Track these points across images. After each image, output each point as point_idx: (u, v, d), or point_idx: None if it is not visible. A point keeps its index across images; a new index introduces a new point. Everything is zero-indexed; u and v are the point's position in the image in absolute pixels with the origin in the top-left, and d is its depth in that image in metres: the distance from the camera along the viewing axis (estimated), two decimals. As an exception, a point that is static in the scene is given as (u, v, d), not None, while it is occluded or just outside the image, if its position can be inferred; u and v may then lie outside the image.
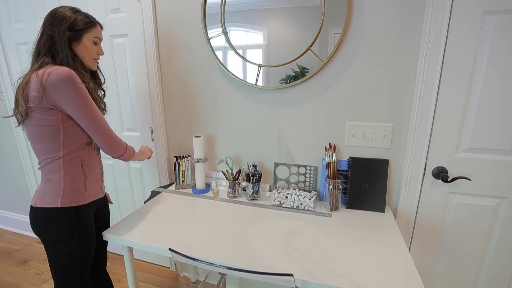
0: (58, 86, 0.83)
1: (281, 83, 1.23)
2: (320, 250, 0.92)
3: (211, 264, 0.78)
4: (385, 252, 0.91)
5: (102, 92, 1.10)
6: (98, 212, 1.10)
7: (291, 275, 0.72)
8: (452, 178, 1.11)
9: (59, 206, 0.90)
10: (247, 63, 1.26)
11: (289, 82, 1.22)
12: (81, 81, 0.88)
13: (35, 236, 2.17)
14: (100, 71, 1.10)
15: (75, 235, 0.94)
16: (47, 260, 0.99)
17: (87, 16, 0.96)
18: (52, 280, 1.74)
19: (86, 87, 0.90)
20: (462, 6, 0.98)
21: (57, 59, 0.90)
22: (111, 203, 1.19)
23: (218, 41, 1.28)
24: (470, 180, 1.11)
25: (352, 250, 0.92)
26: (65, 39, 0.89)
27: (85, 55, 0.96)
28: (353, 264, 0.85)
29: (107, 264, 1.22)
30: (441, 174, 1.13)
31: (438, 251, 1.25)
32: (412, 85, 1.10)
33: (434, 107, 1.09)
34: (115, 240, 1.02)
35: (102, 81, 1.11)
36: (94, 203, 1.02)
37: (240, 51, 1.26)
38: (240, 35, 1.24)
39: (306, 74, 1.19)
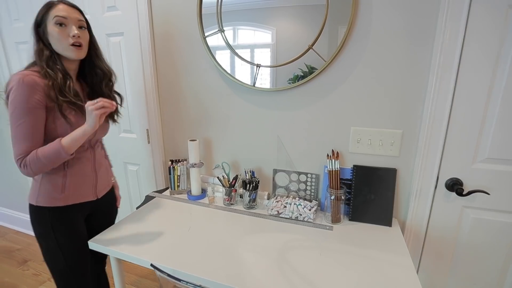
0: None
1: (289, 83, 1.15)
2: (317, 269, 0.83)
3: (194, 285, 0.71)
4: (390, 273, 0.82)
5: (98, 87, 0.99)
6: (93, 215, 1.07)
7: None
8: (468, 192, 1.00)
9: (34, 204, 0.92)
10: (246, 64, 1.18)
11: (297, 82, 1.13)
12: (35, 84, 0.81)
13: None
14: (103, 61, 0.99)
15: (52, 234, 0.93)
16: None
17: (46, 2, 0.87)
18: (49, 281, 1.73)
19: (47, 83, 0.83)
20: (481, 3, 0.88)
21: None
22: (117, 207, 1.18)
23: (215, 40, 1.21)
24: (489, 194, 0.99)
25: (353, 270, 0.83)
26: (36, 37, 0.86)
27: (55, 44, 0.86)
28: (350, 285, 0.76)
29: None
30: (455, 186, 1.02)
31: (451, 270, 1.14)
32: (424, 88, 1.00)
33: (448, 112, 0.98)
34: (99, 249, 0.96)
35: (111, 76, 1.02)
36: (78, 206, 0.97)
37: (247, 50, 1.18)
38: (247, 34, 1.17)
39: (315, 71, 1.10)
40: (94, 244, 0.97)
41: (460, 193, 1.00)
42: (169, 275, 0.74)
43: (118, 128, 1.58)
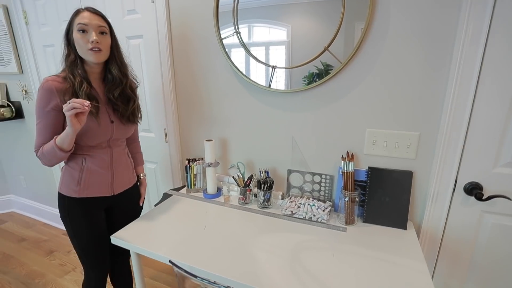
0: None
1: (304, 81, 1.15)
2: (329, 270, 0.85)
3: (210, 283, 0.74)
4: (403, 277, 0.82)
5: (110, 93, 1.04)
6: (113, 209, 1.16)
7: (292, 302, 0.66)
8: (488, 196, 0.97)
9: (58, 190, 1.07)
10: (262, 65, 1.20)
11: (312, 80, 1.13)
12: (52, 89, 0.92)
13: (62, 227, 2.30)
14: (122, 65, 1.05)
15: (68, 220, 1.07)
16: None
17: (77, 9, 0.95)
18: (74, 272, 1.83)
19: (63, 87, 0.93)
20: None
21: None
22: (141, 202, 1.27)
23: (231, 41, 1.23)
24: (510, 199, 0.96)
25: (365, 273, 0.84)
26: (66, 43, 0.96)
27: (79, 49, 0.94)
28: (361, 286, 0.77)
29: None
30: (474, 190, 1.00)
31: (468, 276, 1.12)
32: (444, 89, 0.97)
33: (469, 114, 0.96)
34: (121, 244, 1.02)
35: (125, 81, 1.07)
36: (93, 199, 1.07)
37: (262, 48, 1.19)
38: (262, 32, 1.17)
39: (330, 71, 1.09)
40: (116, 239, 1.03)
41: (479, 197, 0.98)
42: (186, 271, 0.78)
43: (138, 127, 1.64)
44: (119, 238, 1.03)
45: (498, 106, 0.93)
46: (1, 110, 2.05)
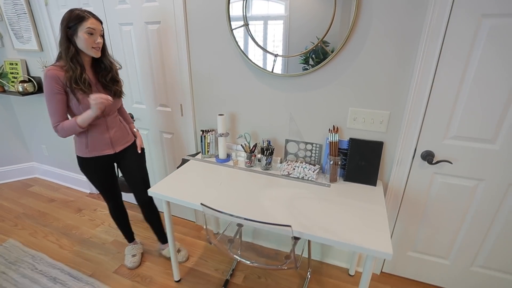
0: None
1: (301, 57, 1.37)
2: (316, 212, 1.17)
3: (231, 215, 1.06)
4: (368, 215, 1.15)
5: (103, 78, 1.36)
6: (121, 163, 1.57)
7: (289, 226, 0.98)
8: (437, 161, 1.29)
9: (75, 153, 1.44)
10: (266, 53, 1.43)
11: (309, 56, 1.35)
12: (55, 76, 1.19)
13: (85, 190, 2.61)
14: (109, 58, 1.38)
15: (85, 173, 1.49)
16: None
17: (80, 12, 1.20)
18: (103, 225, 2.17)
19: (66, 75, 1.21)
20: (461, 8, 1.08)
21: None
22: (139, 150, 1.60)
23: (240, 31, 1.45)
24: (451, 163, 1.28)
25: (341, 213, 1.17)
26: (64, 35, 1.20)
27: (82, 45, 1.22)
28: (339, 222, 1.10)
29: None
30: (428, 157, 1.31)
31: (421, 221, 1.48)
32: (409, 79, 1.24)
33: (427, 99, 1.24)
34: (159, 196, 1.32)
35: (117, 67, 1.43)
36: (99, 157, 1.44)
37: (261, 22, 1.39)
38: (261, 5, 1.35)
39: (327, 47, 1.30)
40: (153, 192, 1.33)
41: (430, 162, 1.29)
42: (214, 209, 1.09)
43: (155, 102, 1.89)
44: (155, 191, 1.33)
45: (448, 95, 1.21)
46: (25, 85, 2.24)
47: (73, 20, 1.18)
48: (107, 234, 2.07)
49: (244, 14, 1.40)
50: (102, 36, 1.29)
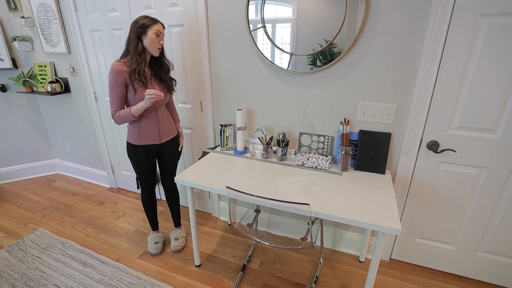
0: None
1: (308, 58, 1.51)
2: (329, 195, 1.28)
3: (254, 196, 1.18)
4: (378, 200, 1.26)
5: (164, 75, 1.57)
6: (161, 153, 1.74)
7: (307, 204, 1.10)
8: (441, 150, 1.39)
9: (127, 140, 1.63)
10: (282, 52, 1.56)
11: (316, 57, 1.48)
12: (120, 71, 1.40)
13: (105, 185, 2.75)
14: (167, 59, 1.56)
15: (132, 158, 1.66)
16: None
17: (151, 18, 1.43)
18: (124, 216, 2.30)
19: (132, 67, 1.41)
20: (461, 9, 1.20)
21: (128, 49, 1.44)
22: (179, 148, 1.81)
23: (257, 33, 1.58)
24: (455, 152, 1.39)
25: (353, 197, 1.28)
26: (135, 34, 1.40)
27: (149, 44, 1.43)
28: (351, 204, 1.21)
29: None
30: (433, 146, 1.42)
31: (428, 208, 1.58)
32: (415, 74, 1.36)
33: (431, 93, 1.35)
34: (186, 183, 1.45)
35: (170, 67, 1.60)
36: (148, 146, 1.62)
37: (269, 25, 1.54)
38: (271, 9, 1.51)
39: (333, 49, 1.43)
40: (179, 179, 1.46)
41: (435, 151, 1.40)
42: (238, 191, 1.21)
43: (176, 99, 2.03)
44: (181, 179, 1.46)
45: (451, 88, 1.32)
46: (54, 85, 2.41)
47: (146, 22, 1.40)
48: (129, 225, 2.21)
49: (262, 16, 1.54)
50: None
